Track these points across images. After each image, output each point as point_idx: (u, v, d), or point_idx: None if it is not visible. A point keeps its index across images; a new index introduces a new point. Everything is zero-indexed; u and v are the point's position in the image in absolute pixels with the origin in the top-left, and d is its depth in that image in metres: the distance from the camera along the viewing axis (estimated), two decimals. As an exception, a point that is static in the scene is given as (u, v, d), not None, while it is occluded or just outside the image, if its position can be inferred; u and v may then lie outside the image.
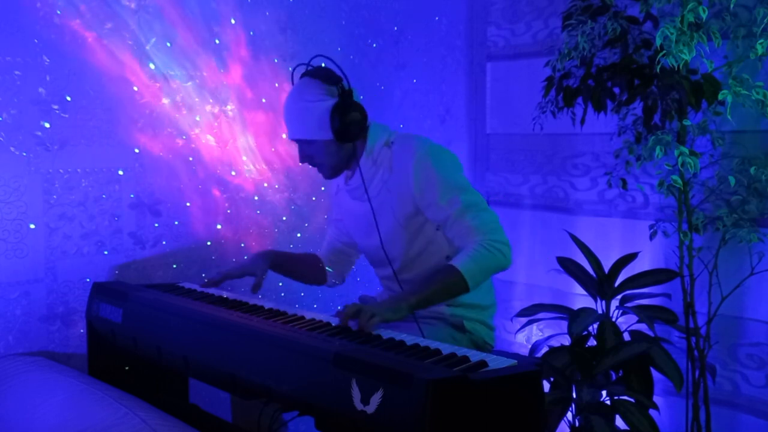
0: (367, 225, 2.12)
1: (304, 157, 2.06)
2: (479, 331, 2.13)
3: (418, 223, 2.04)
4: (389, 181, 2.04)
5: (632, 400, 2.14)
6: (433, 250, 2.07)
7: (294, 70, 2.11)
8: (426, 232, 2.06)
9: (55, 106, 2.20)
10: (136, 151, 2.37)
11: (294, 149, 2.75)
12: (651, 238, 2.37)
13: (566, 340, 2.37)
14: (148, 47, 2.36)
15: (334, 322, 1.83)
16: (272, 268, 2.21)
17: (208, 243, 2.55)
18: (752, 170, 2.18)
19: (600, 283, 2.44)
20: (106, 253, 2.32)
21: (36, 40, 2.15)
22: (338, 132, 1.98)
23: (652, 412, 2.13)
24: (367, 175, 2.08)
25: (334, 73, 2.02)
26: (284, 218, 2.75)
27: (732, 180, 2.21)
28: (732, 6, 2.12)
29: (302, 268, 2.33)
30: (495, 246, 1.91)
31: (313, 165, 2.08)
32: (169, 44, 2.41)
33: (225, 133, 2.56)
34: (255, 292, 2.11)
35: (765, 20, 2.04)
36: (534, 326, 2.98)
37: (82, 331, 2.26)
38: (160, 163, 2.42)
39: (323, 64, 2.12)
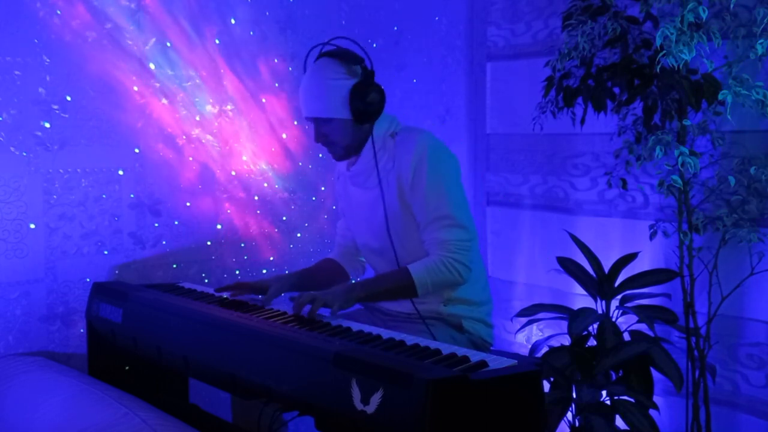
0: (366, 212, 2.14)
1: (320, 135, 2.06)
2: (478, 330, 2.13)
3: (413, 216, 2.06)
4: (390, 171, 2.06)
5: (632, 400, 2.14)
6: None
7: (311, 50, 2.10)
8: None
9: (55, 106, 2.20)
10: (136, 151, 2.37)
11: (293, 150, 2.75)
12: (651, 238, 2.37)
13: (566, 340, 2.37)
14: (147, 47, 2.36)
15: (334, 322, 1.84)
16: (291, 290, 2.18)
17: (208, 243, 2.55)
18: (752, 170, 2.18)
19: (600, 283, 2.44)
20: (106, 253, 2.32)
21: (36, 40, 2.15)
22: (357, 112, 2.00)
23: (652, 412, 2.13)
24: (370, 163, 2.09)
25: (354, 53, 2.04)
26: (284, 218, 2.75)
27: (732, 180, 2.21)
28: (732, 6, 2.11)
29: (322, 279, 2.29)
30: (454, 266, 2.00)
31: (327, 144, 2.08)
32: (168, 44, 2.41)
33: (225, 133, 2.56)
34: (264, 305, 2.07)
35: (765, 20, 2.03)
36: (534, 326, 2.98)
37: (82, 331, 2.26)
38: (160, 163, 2.42)
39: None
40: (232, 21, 2.57)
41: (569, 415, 2.18)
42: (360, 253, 2.35)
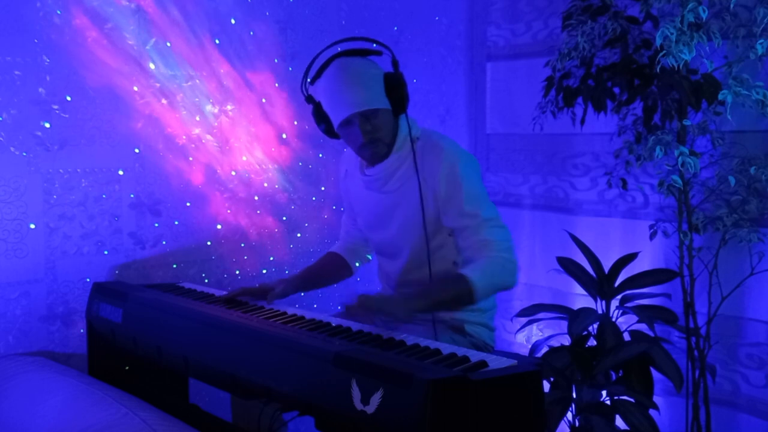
0: (382, 216, 2.10)
1: (366, 132, 1.96)
2: (480, 333, 2.11)
3: (435, 225, 2.01)
4: (412, 177, 2.00)
5: (632, 400, 2.14)
6: (442, 254, 2.05)
7: (321, 52, 2.02)
8: (439, 236, 2.03)
9: (55, 106, 2.20)
10: (136, 151, 2.37)
11: (293, 150, 2.75)
12: (651, 238, 2.37)
13: (566, 340, 2.37)
14: (148, 47, 2.36)
15: (335, 322, 1.84)
16: (297, 291, 2.17)
17: (208, 243, 2.55)
18: (752, 170, 2.18)
19: (600, 283, 2.44)
20: (106, 253, 2.32)
21: (36, 40, 2.15)
22: (396, 100, 1.96)
23: (652, 412, 2.13)
24: (390, 169, 2.03)
25: (368, 48, 2.00)
26: (284, 218, 2.75)
27: (732, 180, 2.21)
28: (732, 6, 2.12)
29: (326, 276, 2.29)
30: (506, 265, 1.91)
31: (373, 142, 1.98)
32: (169, 44, 2.41)
33: (225, 133, 2.56)
34: (269, 301, 2.07)
35: (765, 20, 2.04)
36: (534, 326, 2.98)
37: (82, 331, 2.26)
38: (160, 163, 2.42)
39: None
40: (232, 21, 2.57)
41: (569, 415, 2.18)
42: (366, 247, 2.33)
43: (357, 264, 2.35)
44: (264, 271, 2.70)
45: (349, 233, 2.34)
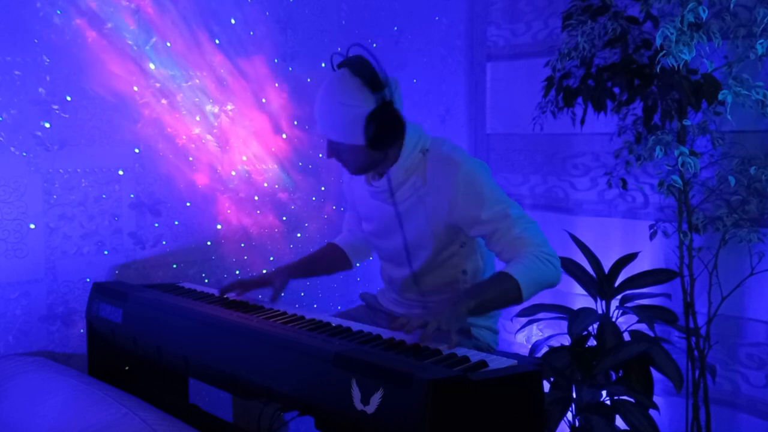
0: (388, 227, 2.06)
1: (331, 152, 1.94)
2: (485, 336, 2.10)
3: (446, 235, 1.97)
4: (422, 189, 1.95)
5: (632, 400, 2.14)
6: (452, 263, 2.03)
7: (333, 56, 1.92)
8: (451, 247, 2.00)
9: (55, 106, 2.20)
10: (136, 151, 2.37)
11: (293, 150, 2.75)
12: (651, 238, 2.37)
13: (566, 340, 2.37)
14: (148, 47, 2.36)
15: (335, 322, 1.84)
16: (293, 278, 2.17)
17: (208, 243, 2.55)
18: (752, 170, 2.19)
19: (600, 283, 2.44)
20: (106, 253, 2.32)
21: (36, 40, 2.15)
22: (372, 141, 1.85)
23: (652, 412, 2.13)
24: (397, 181, 1.97)
25: (378, 76, 1.84)
26: (284, 218, 2.75)
27: (732, 180, 2.21)
28: (732, 6, 2.12)
29: (324, 266, 2.30)
30: (548, 259, 1.83)
31: (339, 161, 1.96)
32: (169, 44, 2.41)
33: (225, 133, 2.56)
34: (272, 301, 2.08)
35: (765, 20, 2.04)
36: (534, 326, 2.98)
37: (82, 331, 2.26)
38: (160, 163, 2.42)
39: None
40: (232, 21, 2.57)
41: (569, 415, 2.18)
42: (368, 248, 2.32)
43: (357, 263, 2.35)
44: (264, 271, 2.70)
45: (352, 231, 2.33)
